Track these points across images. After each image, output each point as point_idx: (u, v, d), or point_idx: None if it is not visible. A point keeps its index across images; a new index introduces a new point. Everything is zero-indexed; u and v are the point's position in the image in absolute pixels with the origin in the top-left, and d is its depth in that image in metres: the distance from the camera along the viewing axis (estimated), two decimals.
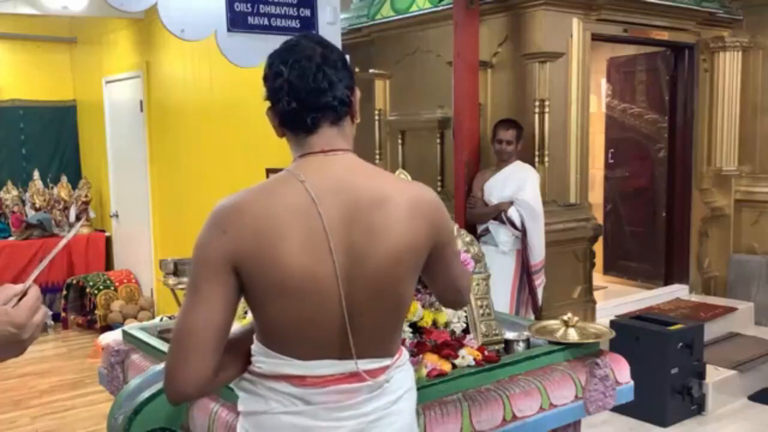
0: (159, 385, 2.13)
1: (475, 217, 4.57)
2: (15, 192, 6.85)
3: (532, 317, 4.33)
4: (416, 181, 1.58)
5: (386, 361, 1.51)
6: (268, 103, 1.51)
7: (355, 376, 1.46)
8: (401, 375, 1.56)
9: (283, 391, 1.46)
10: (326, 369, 1.45)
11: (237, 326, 1.59)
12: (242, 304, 1.59)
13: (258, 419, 1.50)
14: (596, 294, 5.41)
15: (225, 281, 1.40)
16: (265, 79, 1.49)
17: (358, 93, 1.54)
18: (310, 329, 1.43)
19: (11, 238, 6.60)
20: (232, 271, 1.40)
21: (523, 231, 4.37)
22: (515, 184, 4.44)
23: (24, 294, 1.19)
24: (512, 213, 4.37)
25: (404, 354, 1.60)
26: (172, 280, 4.61)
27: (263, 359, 1.48)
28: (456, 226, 2.55)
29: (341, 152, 1.49)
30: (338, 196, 1.42)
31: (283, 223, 1.39)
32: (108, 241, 7.11)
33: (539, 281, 4.43)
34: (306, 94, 1.44)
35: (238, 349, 1.52)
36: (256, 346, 1.50)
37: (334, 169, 1.46)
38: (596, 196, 6.38)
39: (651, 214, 6.26)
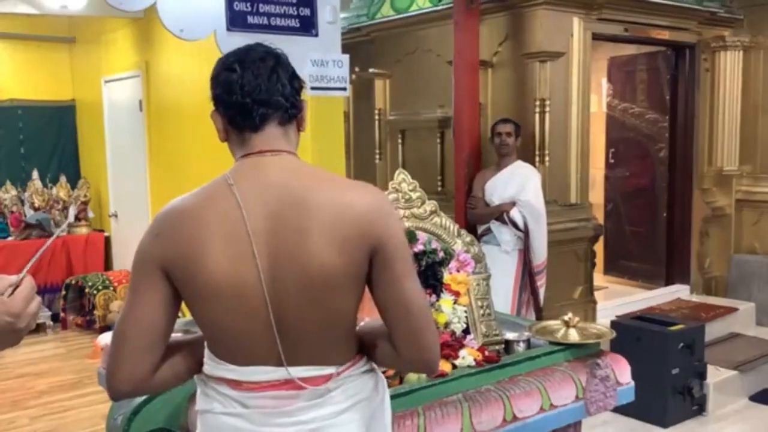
0: None
1: (477, 217, 4.57)
2: (14, 192, 6.84)
3: (533, 317, 4.32)
4: (365, 185, 1.49)
5: (329, 370, 1.46)
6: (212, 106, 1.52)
7: (289, 383, 1.44)
8: (354, 385, 1.50)
9: (224, 393, 1.47)
10: (260, 375, 1.44)
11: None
12: None
13: (204, 417, 1.52)
14: (597, 294, 5.40)
15: (157, 284, 1.43)
16: (216, 77, 1.50)
17: (306, 106, 1.55)
18: (240, 335, 1.43)
19: (10, 238, 6.59)
20: (164, 274, 1.42)
21: (526, 232, 4.36)
22: (517, 185, 4.44)
23: (18, 284, 1.22)
24: (515, 214, 4.37)
25: (361, 363, 1.53)
26: None
27: (209, 361, 1.50)
28: (456, 226, 2.54)
29: (281, 153, 1.47)
30: (266, 200, 1.41)
31: (209, 228, 1.40)
32: (107, 241, 7.11)
33: (542, 281, 4.42)
34: (259, 91, 1.45)
35: (190, 349, 1.54)
36: (206, 348, 1.52)
37: (267, 171, 1.45)
38: (597, 195, 6.37)
39: (652, 213, 6.25)
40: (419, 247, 2.31)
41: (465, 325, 2.40)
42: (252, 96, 1.44)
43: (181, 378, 1.54)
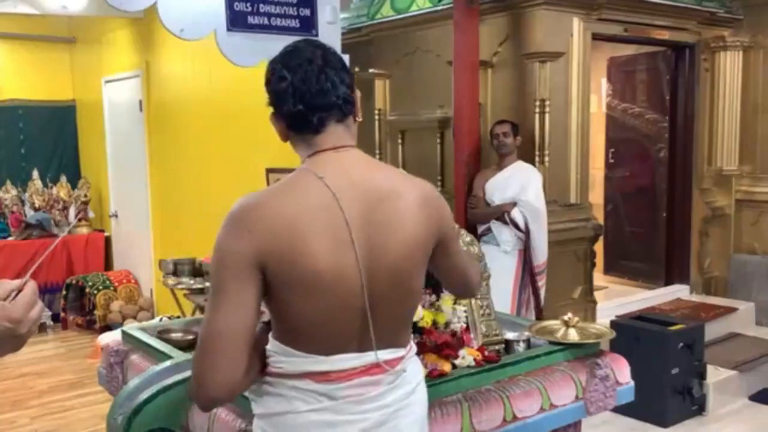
0: (158, 386, 2.13)
1: (477, 217, 4.57)
2: (14, 192, 6.85)
3: (533, 317, 4.32)
4: (417, 177, 1.60)
5: (401, 352, 1.55)
6: (270, 108, 1.53)
7: (376, 367, 1.49)
8: (414, 366, 1.61)
9: (307, 389, 1.47)
10: (348, 362, 1.48)
11: None
12: None
13: (280, 420, 1.49)
14: (597, 294, 5.41)
15: (251, 281, 1.40)
16: (268, 83, 1.51)
17: (358, 93, 1.57)
18: (334, 323, 1.45)
19: (10, 238, 6.60)
20: (258, 270, 1.40)
21: (527, 232, 4.37)
22: (518, 185, 4.45)
23: (21, 289, 1.19)
24: (515, 214, 4.38)
25: (413, 345, 1.64)
26: (171, 281, 4.63)
27: (284, 359, 1.48)
28: (456, 226, 2.54)
29: (350, 148, 1.53)
30: (355, 191, 1.46)
31: (307, 220, 1.41)
32: (107, 241, 7.11)
33: (542, 282, 4.43)
34: (311, 96, 1.47)
35: (258, 349, 1.51)
36: (274, 347, 1.50)
37: (347, 165, 1.50)
38: (597, 196, 6.37)
39: (651, 214, 6.25)
40: None
41: (465, 325, 2.40)
42: (304, 102, 1.47)
43: (257, 377, 1.51)
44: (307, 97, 1.46)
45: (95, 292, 6.33)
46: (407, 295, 1.53)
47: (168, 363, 2.24)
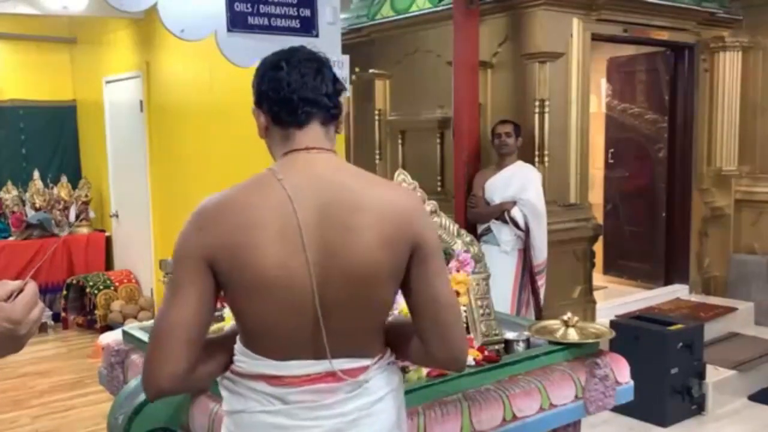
0: None
1: (477, 216, 4.58)
2: (15, 192, 6.85)
3: (533, 317, 4.33)
4: (400, 186, 1.58)
5: (365, 362, 1.50)
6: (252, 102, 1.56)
7: (331, 375, 1.46)
8: (383, 375, 1.54)
9: (261, 391, 1.47)
10: (302, 369, 1.46)
11: (226, 325, 1.59)
12: None
13: (238, 418, 1.52)
14: (596, 294, 5.41)
15: (201, 278, 1.42)
16: (263, 75, 1.53)
17: (344, 108, 1.59)
18: (285, 327, 1.44)
19: (11, 238, 6.60)
20: (209, 268, 1.42)
21: (527, 231, 4.37)
22: (518, 184, 4.45)
23: (21, 290, 1.20)
24: (515, 213, 4.38)
25: (387, 355, 1.58)
26: None
27: (243, 359, 1.50)
28: (456, 226, 2.55)
29: (324, 151, 1.52)
30: (316, 194, 1.44)
31: (259, 221, 1.41)
32: (108, 241, 7.12)
33: (542, 281, 4.43)
34: (305, 89, 1.49)
35: (222, 347, 1.54)
36: (237, 346, 1.52)
37: (315, 167, 1.48)
38: (596, 196, 6.38)
39: (651, 214, 6.26)
40: None
41: (465, 325, 2.41)
42: (298, 93, 1.49)
43: (215, 375, 1.53)
44: (302, 89, 1.48)
45: (96, 291, 6.34)
46: (369, 306, 1.47)
47: None
